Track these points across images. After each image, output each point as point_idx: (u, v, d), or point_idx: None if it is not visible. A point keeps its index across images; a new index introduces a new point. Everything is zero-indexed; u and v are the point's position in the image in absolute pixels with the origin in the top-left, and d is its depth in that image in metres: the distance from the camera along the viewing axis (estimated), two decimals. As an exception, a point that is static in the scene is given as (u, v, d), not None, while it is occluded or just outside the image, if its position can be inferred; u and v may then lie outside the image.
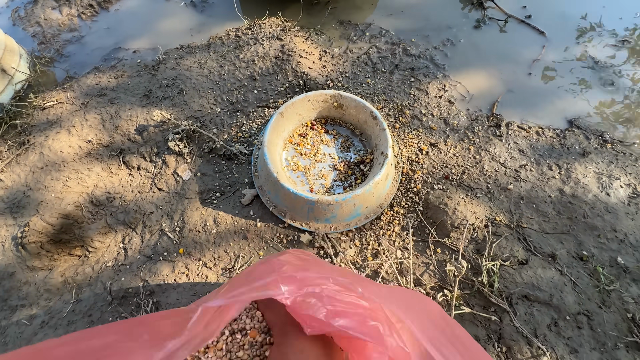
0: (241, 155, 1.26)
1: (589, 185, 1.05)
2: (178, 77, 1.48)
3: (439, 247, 1.01)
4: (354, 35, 1.54)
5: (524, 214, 1.03)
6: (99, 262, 1.15)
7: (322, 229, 1.05)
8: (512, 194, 1.07)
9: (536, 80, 1.33)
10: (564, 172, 1.09)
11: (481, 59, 1.41)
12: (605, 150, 1.13)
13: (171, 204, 1.21)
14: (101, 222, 1.21)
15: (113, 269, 1.12)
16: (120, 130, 1.37)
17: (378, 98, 1.33)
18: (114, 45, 1.68)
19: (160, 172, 1.29)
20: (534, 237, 0.98)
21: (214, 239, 1.11)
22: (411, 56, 1.44)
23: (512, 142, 1.18)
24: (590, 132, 1.18)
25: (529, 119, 1.25)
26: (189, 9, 1.78)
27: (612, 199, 1.02)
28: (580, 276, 0.90)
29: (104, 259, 1.15)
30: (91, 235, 1.18)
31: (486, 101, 1.31)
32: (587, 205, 1.01)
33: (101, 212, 1.24)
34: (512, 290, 0.88)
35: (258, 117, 1.34)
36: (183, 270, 1.07)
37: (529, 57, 1.38)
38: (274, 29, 1.56)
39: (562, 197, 1.04)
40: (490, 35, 1.47)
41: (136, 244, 1.15)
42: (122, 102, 1.44)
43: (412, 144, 1.21)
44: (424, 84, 1.35)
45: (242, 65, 1.47)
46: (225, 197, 1.20)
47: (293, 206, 1.04)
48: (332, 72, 1.41)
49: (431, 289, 0.94)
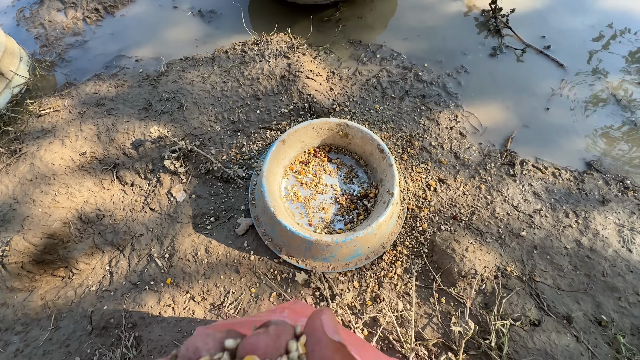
0: (239, 179, 1.20)
1: (609, 238, 0.98)
2: (179, 90, 1.43)
3: (444, 296, 0.93)
4: (364, 57, 1.48)
5: (537, 265, 0.95)
6: (82, 285, 1.09)
7: (320, 268, 0.98)
8: (525, 242, 1.00)
9: (554, 116, 1.26)
10: (581, 221, 1.02)
11: (496, 90, 1.34)
12: (627, 199, 1.06)
13: (162, 227, 1.15)
14: (88, 242, 1.15)
15: (96, 294, 1.06)
16: (115, 144, 1.32)
17: (386, 126, 1.27)
18: (117, 52, 1.64)
19: (154, 190, 1.23)
20: (548, 293, 0.90)
21: (204, 270, 1.04)
22: (423, 82, 1.38)
23: (526, 183, 1.11)
24: (611, 177, 1.11)
25: (544, 158, 1.18)
26: (196, 18, 1.73)
27: (634, 256, 0.94)
28: (598, 344, 0.82)
29: (88, 282, 1.09)
30: (76, 256, 1.12)
31: (500, 135, 1.24)
32: (607, 262, 0.94)
33: (89, 231, 1.18)
34: (523, 356, 0.81)
35: (259, 139, 1.28)
36: (169, 303, 1.00)
37: (547, 91, 1.32)
38: (282, 45, 1.51)
39: (580, 250, 0.97)
40: (507, 64, 1.40)
41: (123, 268, 1.09)
42: (120, 114, 1.39)
43: (420, 178, 1.14)
44: (434, 113, 1.29)
45: (247, 82, 1.41)
46: (219, 223, 1.13)
47: (289, 243, 0.97)
48: (340, 96, 1.35)
49: (434, 345, 0.86)
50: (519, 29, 1.47)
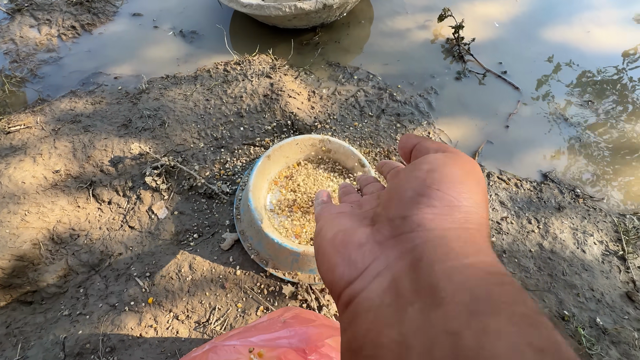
0: (223, 194, 1.21)
1: (566, 241, 1.09)
2: (161, 107, 1.43)
3: (425, 301, 0.98)
4: (342, 78, 1.58)
5: (507, 268, 1.03)
6: (53, 309, 1.03)
7: (306, 280, 1.00)
8: (495, 247, 1.08)
9: (513, 133, 1.40)
10: (542, 226, 1.13)
11: (463, 109, 1.47)
12: (578, 205, 1.19)
13: (143, 245, 1.12)
14: (61, 263, 1.10)
15: (70, 318, 1.00)
16: (92, 161, 1.28)
17: (365, 142, 1.34)
18: (95, 70, 1.62)
19: (134, 208, 1.20)
20: (517, 294, 0.98)
21: (188, 288, 1.02)
22: (397, 102, 1.49)
23: (493, 193, 1.21)
24: (564, 187, 1.24)
25: (507, 170, 1.30)
26: (177, 38, 1.76)
27: (587, 256, 1.06)
28: (563, 338, 0.90)
29: (59, 306, 1.03)
30: (47, 279, 1.06)
31: (468, 150, 1.35)
32: (566, 262, 1.04)
33: (62, 252, 1.13)
34: (498, 353, 0.86)
35: (243, 155, 1.30)
36: (151, 323, 0.97)
37: (506, 111, 1.47)
38: (264, 66, 1.57)
39: (542, 253, 1.07)
40: (471, 87, 1.55)
41: (99, 290, 1.05)
42: (98, 131, 1.36)
43: (398, 190, 1.22)
44: (409, 130, 1.39)
45: (230, 100, 1.45)
46: (203, 239, 1.13)
47: (277, 255, 0.99)
48: (321, 114, 1.42)
49: (417, 349, 0.90)
50: (480, 55, 1.64)
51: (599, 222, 1.14)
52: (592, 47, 1.67)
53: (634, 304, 0.96)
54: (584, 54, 1.65)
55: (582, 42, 1.70)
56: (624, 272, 1.03)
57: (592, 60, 1.62)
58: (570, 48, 1.68)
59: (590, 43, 1.69)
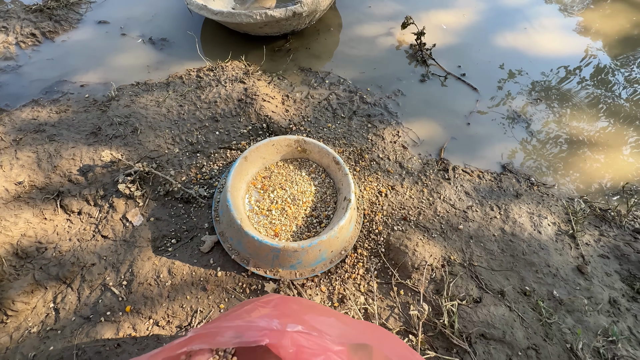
0: (201, 198, 1.21)
1: (524, 224, 1.19)
2: (132, 114, 1.41)
3: (402, 288, 1.04)
4: (315, 82, 1.64)
5: (474, 252, 1.12)
6: (20, 328, 0.97)
7: (287, 276, 1.02)
8: (463, 234, 1.16)
9: (473, 129, 1.52)
10: (503, 212, 1.23)
11: (428, 109, 1.58)
12: (533, 192, 1.31)
13: (118, 254, 1.09)
14: (27, 279, 1.04)
15: (39, 335, 0.95)
16: (59, 171, 1.24)
17: (339, 142, 1.40)
18: (58, 78, 1.57)
19: (106, 217, 1.17)
20: (485, 274, 1.06)
21: (167, 293, 1.01)
22: (367, 104, 1.56)
23: (459, 184, 1.30)
24: (520, 176, 1.36)
25: (471, 163, 1.40)
26: (146, 46, 1.74)
27: (543, 236, 1.16)
28: (526, 311, 0.99)
29: (27, 324, 0.97)
30: (12, 296, 1.00)
31: (435, 146, 1.45)
32: (525, 243, 1.14)
33: (28, 266, 1.07)
34: (470, 330, 0.93)
35: (219, 159, 1.31)
36: (130, 332, 0.95)
37: (466, 109, 1.59)
38: (237, 72, 1.59)
39: (504, 236, 1.16)
40: (434, 88, 1.67)
41: (71, 303, 1.00)
42: (64, 140, 1.31)
43: (372, 186, 1.28)
44: (379, 129, 1.46)
45: (204, 105, 1.46)
46: (181, 244, 1.12)
47: (257, 253, 1.00)
48: (295, 116, 1.46)
49: (397, 333, 0.95)
50: (440, 59, 1.77)
51: (551, 206, 1.26)
52: (537, 52, 1.86)
53: (583, 276, 1.07)
54: (531, 58, 1.82)
55: (528, 48, 1.88)
56: (574, 248, 1.14)
57: (538, 64, 1.80)
58: (518, 53, 1.85)
59: (535, 48, 1.87)
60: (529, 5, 2.11)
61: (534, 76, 1.74)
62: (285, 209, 1.13)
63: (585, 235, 1.18)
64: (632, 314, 1.00)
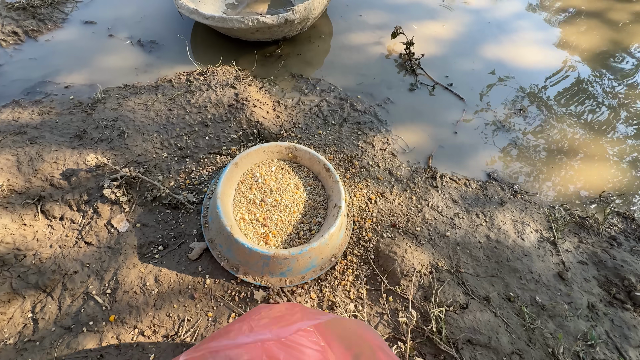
0: (189, 204, 1.19)
1: (508, 231, 1.23)
2: (119, 118, 1.38)
3: (391, 295, 1.05)
4: (306, 89, 1.65)
5: (461, 259, 1.14)
6: (-6, 340, 0.93)
7: (277, 284, 1.02)
8: (450, 240, 1.19)
9: (461, 138, 1.56)
10: (488, 219, 1.26)
11: (417, 117, 1.61)
12: (517, 200, 1.35)
13: (102, 261, 1.06)
14: (3, 287, 1.00)
15: (15, 347, 0.91)
16: (41, 175, 1.20)
17: (329, 149, 1.41)
18: (41, 78, 1.52)
19: (90, 223, 1.14)
20: (471, 281, 1.09)
21: (154, 301, 0.99)
22: (358, 111, 1.58)
23: (446, 192, 1.33)
24: (505, 184, 1.40)
25: (458, 171, 1.44)
26: (135, 47, 1.71)
27: (526, 243, 1.20)
28: (510, 316, 1.01)
29: (2, 335, 0.93)
30: (-13, 306, 0.96)
31: (423, 154, 1.48)
32: (509, 250, 1.17)
33: (4, 274, 1.03)
34: (457, 335, 0.95)
35: (209, 164, 1.30)
36: (113, 342, 0.92)
37: (454, 118, 1.63)
38: (228, 77, 1.59)
39: (489, 243, 1.19)
40: (422, 97, 1.71)
41: (51, 313, 0.97)
42: (47, 142, 1.27)
43: (362, 193, 1.29)
44: (369, 137, 1.48)
45: (194, 110, 1.44)
46: (169, 251, 1.10)
47: (247, 261, 0.99)
48: (286, 123, 1.47)
49: (386, 340, 0.95)
50: (429, 69, 1.81)
51: (534, 213, 1.31)
52: (520, 64, 1.93)
53: (564, 282, 1.11)
54: (515, 69, 1.89)
55: (512, 59, 1.95)
56: (555, 255, 1.18)
57: (521, 75, 1.87)
58: (503, 64, 1.92)
59: (518, 60, 1.95)
60: (512, 20, 2.20)
61: (517, 87, 1.81)
62: (275, 215, 1.12)
63: (566, 242, 1.23)
64: (609, 318, 1.05)
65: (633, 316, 1.05)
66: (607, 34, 2.15)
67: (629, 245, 1.25)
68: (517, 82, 1.83)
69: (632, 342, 1.00)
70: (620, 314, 1.05)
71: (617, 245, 1.24)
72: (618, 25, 2.21)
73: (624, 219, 1.34)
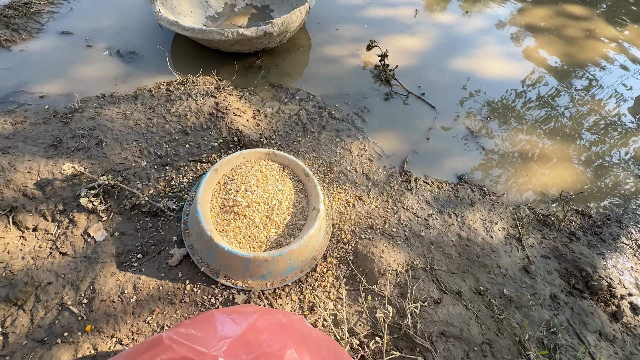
0: (169, 211, 1.19)
1: (478, 229, 1.31)
2: (97, 127, 1.37)
3: (369, 294, 1.09)
4: (285, 98, 1.70)
5: (435, 257, 1.20)
6: (-40, 357, 0.89)
7: (258, 287, 1.04)
8: (424, 240, 1.25)
9: (432, 144, 1.65)
10: (459, 219, 1.34)
11: (392, 125, 1.69)
12: (486, 200, 1.44)
13: (78, 271, 1.05)
14: (-29, 302, 0.96)
15: (-17, 363, 0.88)
16: (13, 185, 1.17)
17: (309, 155, 1.46)
18: (14, 88, 1.50)
19: (66, 232, 1.12)
20: (444, 277, 1.14)
21: (132, 309, 0.98)
22: (336, 119, 1.65)
23: (420, 194, 1.40)
24: (474, 186, 1.49)
25: (431, 174, 1.52)
26: (114, 58, 1.72)
27: (494, 240, 1.28)
28: (480, 309, 1.07)
29: (-31, 351, 0.89)
30: (-47, 321, 0.92)
31: (398, 159, 1.55)
32: (479, 247, 1.25)
33: (-28, 288, 0.99)
34: (431, 329, 0.99)
35: (189, 172, 1.31)
36: (89, 352, 0.90)
37: (426, 126, 1.72)
38: (208, 86, 1.62)
39: (461, 241, 1.26)
40: (397, 106, 1.80)
41: (23, 326, 0.94)
42: (20, 152, 1.25)
43: (341, 197, 1.34)
44: (347, 143, 1.54)
45: (174, 119, 1.46)
46: (148, 259, 1.09)
47: (228, 265, 1.01)
48: (266, 130, 1.51)
49: (365, 337, 0.99)
50: (402, 79, 1.91)
51: (501, 212, 1.39)
52: (488, 75, 2.07)
53: (529, 275, 1.19)
54: (481, 80, 2.03)
55: (480, 71, 2.09)
56: (521, 250, 1.27)
57: (489, 85, 2.01)
58: (471, 74, 2.05)
59: (486, 71, 2.09)
60: (478, 34, 2.36)
61: (485, 96, 1.94)
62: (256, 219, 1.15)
63: (530, 238, 1.32)
64: (569, 307, 1.13)
65: (590, 304, 1.14)
66: (566, 48, 2.35)
67: (587, 239, 1.36)
68: (484, 91, 1.96)
69: (590, 328, 1.08)
70: (579, 303, 1.14)
71: (576, 240, 1.34)
72: (574, 41, 2.42)
73: (582, 216, 1.45)
